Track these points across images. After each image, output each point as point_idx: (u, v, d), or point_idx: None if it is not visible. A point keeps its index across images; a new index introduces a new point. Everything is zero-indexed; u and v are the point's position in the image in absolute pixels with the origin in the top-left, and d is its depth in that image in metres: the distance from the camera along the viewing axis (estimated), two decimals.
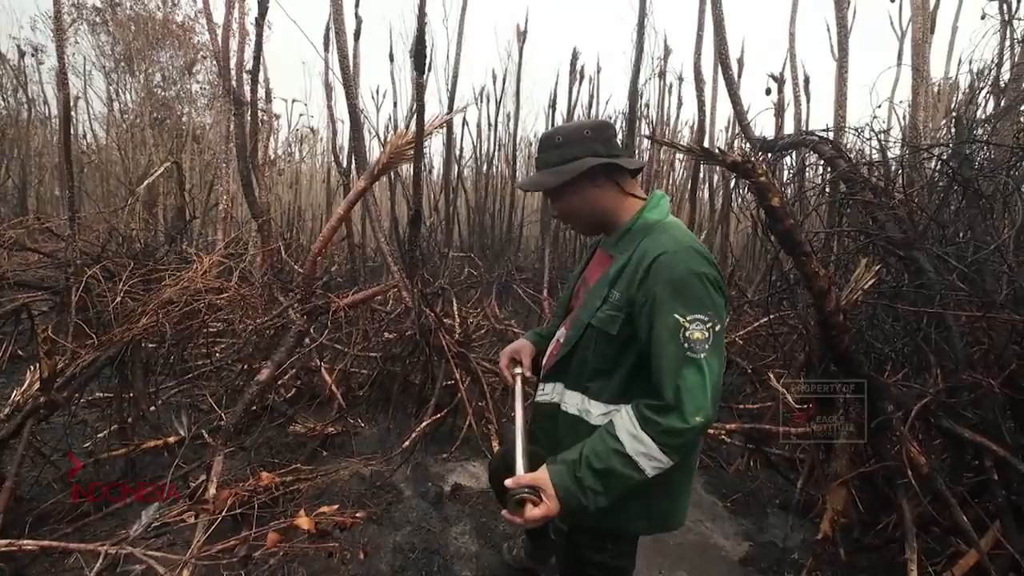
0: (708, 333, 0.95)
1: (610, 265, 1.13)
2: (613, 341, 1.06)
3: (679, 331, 0.95)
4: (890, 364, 2.24)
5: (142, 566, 1.13)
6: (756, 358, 4.02)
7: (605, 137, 1.14)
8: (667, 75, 6.59)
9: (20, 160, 8.41)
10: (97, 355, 2.04)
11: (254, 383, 2.17)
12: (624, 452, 0.96)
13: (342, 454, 2.75)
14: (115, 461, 2.32)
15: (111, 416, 2.33)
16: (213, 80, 10.97)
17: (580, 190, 1.14)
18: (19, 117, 8.82)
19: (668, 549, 2.24)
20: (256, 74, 3.54)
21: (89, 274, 2.59)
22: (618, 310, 1.05)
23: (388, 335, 3.36)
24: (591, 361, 1.09)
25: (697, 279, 0.97)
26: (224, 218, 4.45)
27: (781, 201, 1.51)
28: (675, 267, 0.98)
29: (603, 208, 1.16)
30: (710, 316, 0.96)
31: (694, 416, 0.94)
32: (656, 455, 0.96)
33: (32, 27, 14.38)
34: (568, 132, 1.15)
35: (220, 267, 2.86)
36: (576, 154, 1.12)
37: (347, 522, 1.39)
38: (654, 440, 0.95)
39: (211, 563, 1.30)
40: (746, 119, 3.22)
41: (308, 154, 10.07)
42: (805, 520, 2.33)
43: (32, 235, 5.11)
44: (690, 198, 5.05)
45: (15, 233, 4.43)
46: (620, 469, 0.96)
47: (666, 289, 0.97)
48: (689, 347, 0.95)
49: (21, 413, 1.83)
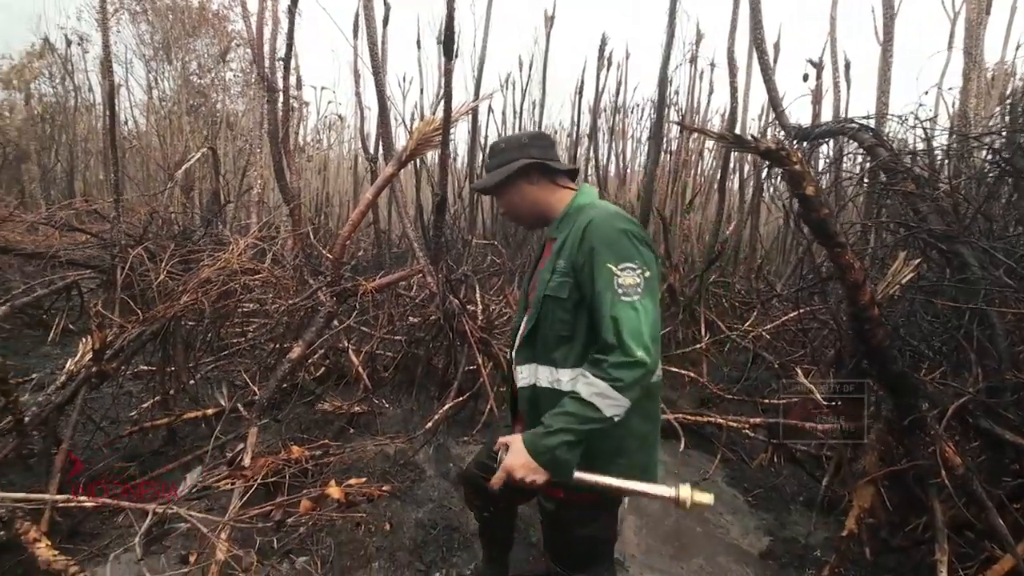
0: (639, 279, 1.09)
1: (554, 245, 1.28)
2: (566, 305, 1.18)
3: (613, 279, 1.08)
4: (926, 362, 2.17)
5: (186, 524, 1.21)
6: (783, 353, 3.94)
7: (541, 144, 1.35)
8: (698, 61, 6.41)
9: (68, 145, 8.81)
10: (142, 330, 2.16)
11: (286, 361, 2.26)
12: (580, 397, 1.06)
13: (367, 432, 2.84)
14: (158, 430, 2.45)
15: (154, 388, 2.46)
16: (246, 68, 11.23)
17: (518, 187, 1.32)
18: (66, 104, 9.22)
19: (687, 540, 2.25)
20: (288, 61, 3.61)
21: (133, 254, 2.72)
22: (566, 275, 1.18)
23: (412, 319, 3.42)
24: (553, 330, 1.21)
25: (623, 235, 1.13)
26: (258, 202, 4.59)
27: (816, 190, 1.47)
28: (604, 227, 1.14)
29: (540, 202, 1.34)
30: (639, 264, 1.10)
31: (635, 350, 1.04)
32: (610, 394, 1.04)
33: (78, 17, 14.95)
34: (509, 140, 1.38)
35: (254, 249, 2.96)
36: (514, 157, 1.31)
37: (374, 494, 1.45)
38: (604, 379, 1.04)
39: (247, 526, 1.38)
40: (781, 106, 3.12)
41: (336, 141, 10.23)
42: (829, 517, 2.29)
43: (80, 216, 5.38)
44: (719, 188, 4.93)
45: (65, 214, 4.68)
46: (579, 411, 1.06)
47: (599, 246, 1.12)
48: (623, 292, 1.07)
49: (75, 381, 1.95)
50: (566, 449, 1.06)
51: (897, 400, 1.77)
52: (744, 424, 2.60)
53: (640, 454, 1.21)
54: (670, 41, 3.88)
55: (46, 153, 8.81)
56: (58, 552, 1.52)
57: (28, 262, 4.27)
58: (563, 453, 1.06)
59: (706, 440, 3.13)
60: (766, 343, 4.07)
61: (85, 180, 9.35)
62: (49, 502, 1.62)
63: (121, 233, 3.60)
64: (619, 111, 7.12)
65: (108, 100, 3.20)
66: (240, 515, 1.43)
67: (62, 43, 8.96)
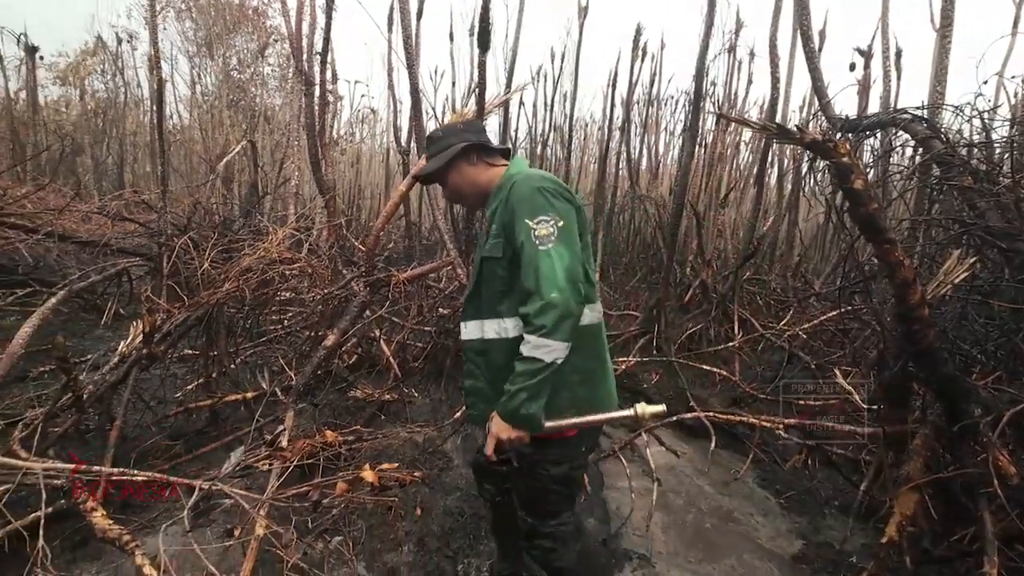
0: (552, 228, 1.18)
1: (488, 212, 1.39)
2: (502, 262, 1.28)
3: (530, 232, 1.18)
4: (978, 367, 2.05)
5: (230, 501, 1.27)
6: (821, 353, 3.81)
7: (475, 129, 1.47)
8: (737, 50, 6.19)
9: (118, 139, 9.25)
10: (187, 315, 2.26)
11: (321, 347, 2.33)
12: (522, 356, 1.17)
13: (397, 420, 2.90)
14: (201, 411, 2.57)
15: (198, 371, 2.58)
16: (283, 63, 11.52)
17: (459, 169, 1.42)
18: (117, 100, 9.68)
19: (715, 539, 2.21)
20: (325, 56, 3.69)
21: (179, 243, 2.84)
22: (498, 236, 1.29)
23: (442, 311, 3.46)
24: (493, 287, 1.31)
25: (538, 192, 1.22)
26: (296, 193, 4.72)
27: (865, 183, 1.41)
28: (522, 187, 1.25)
29: (479, 181, 1.43)
30: (551, 216, 1.20)
31: (550, 293, 1.13)
32: (542, 343, 1.14)
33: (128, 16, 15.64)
34: (445, 128, 1.50)
35: (291, 240, 3.06)
36: (451, 143, 1.41)
37: (405, 479, 1.49)
38: (533, 332, 1.15)
39: (285, 505, 1.43)
40: (827, 96, 2.98)
41: (368, 135, 10.39)
42: (867, 524, 2.22)
43: (128, 207, 5.67)
44: (757, 182, 4.78)
45: (116, 205, 4.94)
46: (525, 368, 1.16)
47: (517, 205, 1.23)
48: (539, 241, 1.17)
49: (127, 363, 2.07)
50: (529, 403, 1.17)
51: (947, 405, 1.68)
52: (778, 424, 2.53)
53: (583, 388, 1.31)
54: (708, 30, 3.76)
55: (98, 146, 9.28)
56: (112, 522, 1.63)
57: (83, 250, 4.53)
58: (528, 408, 1.17)
59: (737, 440, 3.07)
60: (802, 343, 3.94)
61: (134, 172, 9.82)
62: (104, 474, 1.73)
63: (167, 223, 3.77)
64: (653, 103, 6.97)
65: (158, 95, 3.34)
66: (278, 494, 1.49)
67: (113, 41, 9.39)
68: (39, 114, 8.68)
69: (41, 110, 8.97)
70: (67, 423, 2.06)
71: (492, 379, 1.33)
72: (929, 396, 1.91)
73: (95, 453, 2.12)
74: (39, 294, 3.63)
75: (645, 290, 5.75)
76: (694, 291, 4.79)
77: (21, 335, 2.43)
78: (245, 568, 1.55)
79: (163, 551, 1.18)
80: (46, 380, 2.98)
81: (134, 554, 1.50)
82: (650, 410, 1.28)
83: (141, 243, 4.72)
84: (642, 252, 6.76)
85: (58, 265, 4.50)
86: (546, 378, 1.17)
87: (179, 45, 10.63)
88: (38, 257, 4.46)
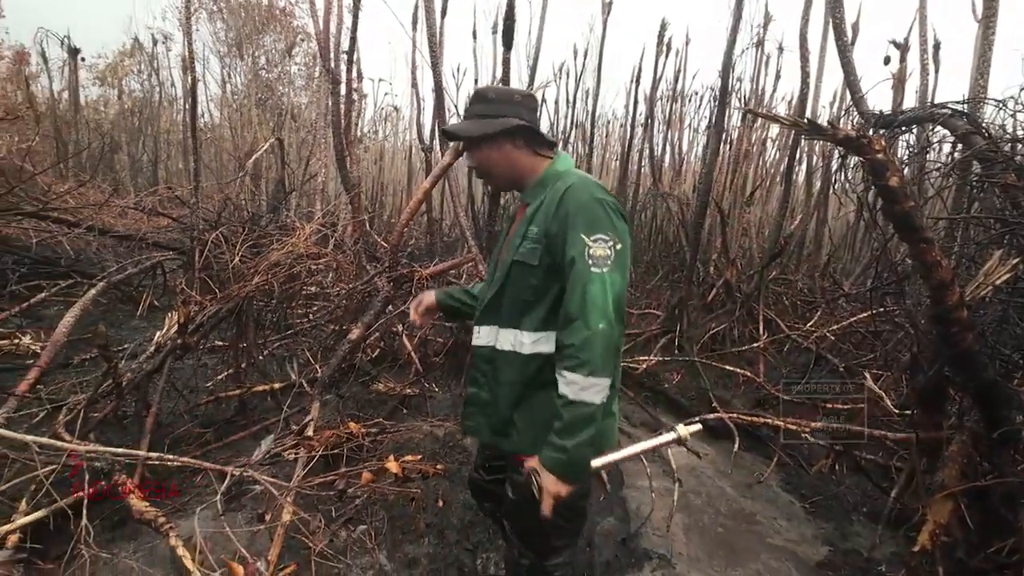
0: (610, 251, 1.06)
1: (527, 210, 1.24)
2: (536, 271, 1.15)
3: (585, 249, 1.06)
4: (1020, 372, 1.97)
5: (260, 487, 1.32)
6: (849, 356, 3.70)
7: (531, 106, 1.29)
8: (765, 45, 6.04)
9: (153, 137, 9.58)
10: (219, 307, 2.34)
11: (346, 341, 2.38)
12: (568, 400, 1.03)
13: (418, 414, 2.94)
14: (230, 401, 2.66)
15: (227, 361, 2.66)
16: (309, 62, 11.74)
17: (500, 146, 1.25)
18: (151, 99, 10.03)
19: (739, 543, 2.18)
20: (351, 54, 3.74)
21: (211, 238, 2.93)
22: (537, 242, 1.15)
23: None
24: (520, 295, 1.18)
25: (599, 204, 1.09)
26: (322, 190, 4.82)
27: (901, 181, 1.37)
28: (580, 196, 1.11)
29: (518, 166, 1.27)
30: (611, 236, 1.07)
31: (598, 323, 1.02)
32: (590, 383, 1.02)
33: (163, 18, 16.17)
34: (501, 92, 1.30)
35: (317, 235, 3.12)
36: (503, 112, 1.23)
37: (428, 471, 1.51)
38: (579, 369, 1.02)
39: (312, 493, 1.47)
40: (860, 91, 2.89)
41: (391, 132, 10.52)
42: (897, 532, 2.15)
43: (162, 203, 5.87)
44: (784, 179, 4.66)
45: (151, 201, 5.12)
46: (579, 414, 1.03)
47: (574, 215, 1.09)
48: (593, 262, 1.05)
49: (163, 352, 2.15)
50: (585, 455, 1.05)
51: (986, 411, 1.62)
52: (804, 427, 2.47)
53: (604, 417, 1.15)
54: (736, 25, 3.69)
55: (134, 144, 9.63)
56: (148, 504, 1.70)
57: (120, 243, 4.72)
58: (588, 460, 1.06)
59: (760, 442, 3.01)
60: (830, 345, 3.84)
61: (167, 168, 10.16)
62: (142, 458, 1.81)
63: (199, 218, 3.90)
64: (677, 99, 6.87)
65: (192, 95, 3.46)
66: (305, 482, 1.53)
67: (149, 42, 9.73)
68: (80, 113, 9.05)
69: (82, 109, 9.35)
70: (106, 409, 2.15)
71: (495, 394, 1.22)
72: (966, 401, 1.84)
73: (132, 438, 2.22)
74: (80, 285, 3.80)
75: (667, 289, 5.68)
76: (717, 290, 4.71)
77: (64, 324, 2.56)
78: (272, 552, 1.60)
79: (199, 533, 1.23)
80: (86, 367, 3.12)
81: (168, 536, 1.56)
82: (691, 430, 1.17)
83: (174, 238, 4.89)
84: (664, 250, 6.68)
85: (97, 258, 4.70)
86: (596, 421, 1.05)
87: (211, 46, 10.95)
88: (79, 250, 4.66)
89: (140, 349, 2.57)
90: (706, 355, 3.90)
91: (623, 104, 7.29)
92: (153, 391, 2.27)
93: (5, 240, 4.04)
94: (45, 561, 1.64)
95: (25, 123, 6.67)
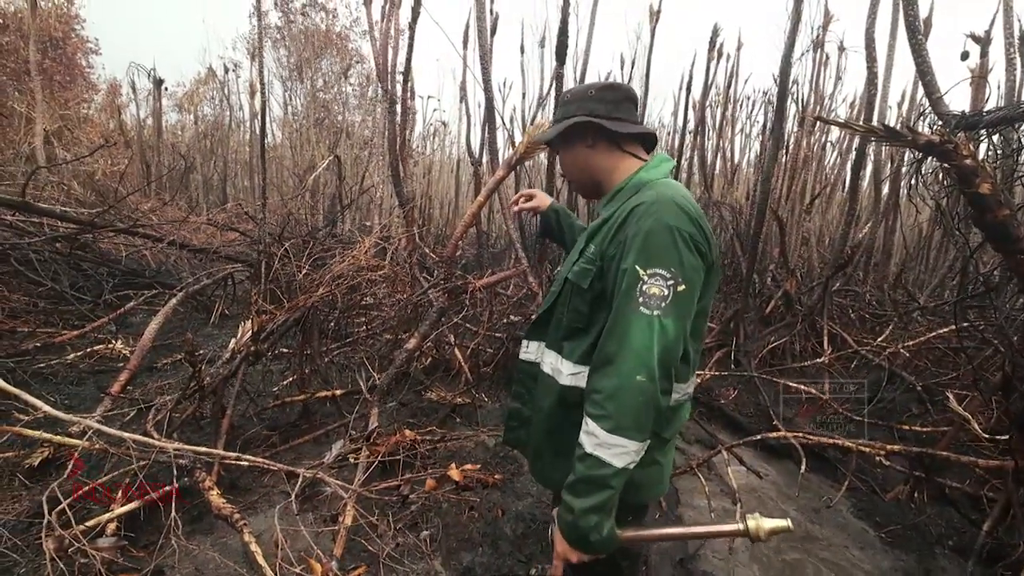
0: (668, 291, 0.87)
1: (594, 223, 1.10)
2: (585, 296, 1.01)
3: (637, 284, 0.88)
4: None
5: (330, 489, 1.38)
6: (928, 374, 3.43)
7: (610, 99, 1.09)
8: (825, 46, 5.78)
9: (223, 157, 10.36)
10: (287, 317, 2.49)
11: (403, 350, 2.46)
12: (584, 452, 0.88)
13: (469, 423, 2.98)
14: (295, 405, 2.81)
15: (293, 368, 2.81)
16: (362, 82, 12.34)
17: (573, 148, 1.12)
18: (222, 123, 10.86)
19: (806, 571, 2.06)
20: (407, 75, 3.91)
21: (279, 251, 3.13)
22: (590, 263, 1.00)
23: (513, 317, 3.52)
24: (567, 318, 1.05)
25: (668, 232, 0.90)
26: (380, 204, 5.03)
27: (993, 187, 1.28)
28: (647, 218, 0.91)
29: (595, 168, 1.12)
30: (672, 273, 0.88)
31: (634, 374, 0.84)
32: (611, 441, 0.85)
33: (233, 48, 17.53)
34: (575, 90, 1.14)
35: (375, 248, 3.26)
36: (573, 112, 1.09)
37: (488, 481, 1.53)
38: (602, 422, 0.86)
39: (377, 498, 1.52)
40: (938, 90, 2.70)
41: (438, 147, 10.84)
42: (990, 570, 1.96)
43: (231, 218, 6.33)
44: (850, 188, 4.41)
45: (222, 217, 5.53)
46: (592, 475, 0.87)
47: (633, 240, 0.91)
48: (643, 301, 0.87)
49: (237, 358, 2.31)
50: (602, 525, 0.87)
51: None
52: (879, 451, 2.30)
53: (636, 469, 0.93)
54: (795, 26, 3.56)
55: (206, 164, 10.45)
56: (225, 500, 1.82)
57: (195, 256, 5.12)
58: (601, 531, 0.87)
59: (827, 464, 2.84)
60: (904, 361, 3.57)
61: (234, 186, 10.93)
62: (219, 457, 1.94)
63: (265, 232, 4.17)
64: (729, 104, 6.69)
65: (261, 117, 3.73)
66: (368, 487, 1.59)
67: (221, 70, 10.57)
68: (162, 138, 9.94)
69: (163, 134, 10.26)
70: (188, 410, 2.33)
71: (534, 415, 1.13)
72: None
73: (209, 439, 2.39)
74: (162, 295, 4.15)
75: (720, 300, 5.49)
76: (776, 302, 4.50)
77: (150, 330, 2.80)
78: (336, 552, 1.67)
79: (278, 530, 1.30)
80: (168, 371, 3.39)
81: (243, 532, 1.67)
82: (768, 525, 0.92)
83: (242, 251, 5.25)
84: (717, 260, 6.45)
85: (175, 270, 5.12)
86: (619, 488, 0.88)
87: (274, 71, 11.75)
88: (160, 263, 5.10)
89: (217, 355, 2.77)
90: (764, 370, 3.72)
91: (670, 111, 7.15)
92: (228, 395, 2.44)
93: (102, 254, 4.48)
94: (137, 550, 1.79)
95: (117, 149, 7.40)
